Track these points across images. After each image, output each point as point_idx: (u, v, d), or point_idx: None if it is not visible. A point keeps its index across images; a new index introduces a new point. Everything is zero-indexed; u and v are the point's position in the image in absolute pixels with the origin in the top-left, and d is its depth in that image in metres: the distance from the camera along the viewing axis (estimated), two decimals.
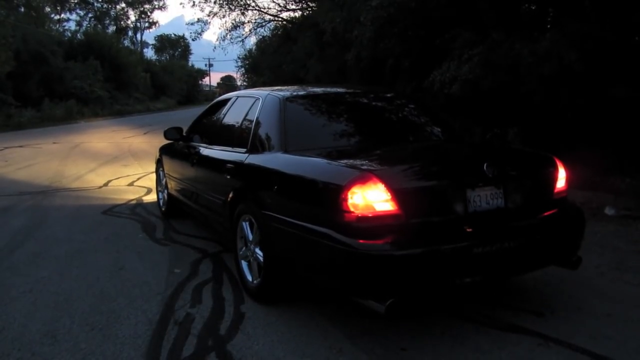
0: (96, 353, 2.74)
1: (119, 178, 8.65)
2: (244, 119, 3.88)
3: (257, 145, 3.53)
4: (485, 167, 2.76)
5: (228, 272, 3.91)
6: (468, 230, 2.71)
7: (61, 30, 45.75)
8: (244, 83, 32.47)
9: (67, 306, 3.36)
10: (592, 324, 3.01)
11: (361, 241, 2.52)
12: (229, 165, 3.71)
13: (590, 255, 4.25)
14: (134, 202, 6.67)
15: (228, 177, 3.69)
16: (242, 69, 31.53)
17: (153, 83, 46.20)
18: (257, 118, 3.67)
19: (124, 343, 2.84)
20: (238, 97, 4.35)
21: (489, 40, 6.99)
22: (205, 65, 74.15)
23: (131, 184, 8.06)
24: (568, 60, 5.83)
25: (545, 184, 3.09)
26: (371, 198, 2.53)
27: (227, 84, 75.20)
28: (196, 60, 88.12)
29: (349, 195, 2.54)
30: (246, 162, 3.50)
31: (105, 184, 8.10)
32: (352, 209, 2.54)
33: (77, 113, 28.41)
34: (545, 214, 3.05)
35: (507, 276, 3.27)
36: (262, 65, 23.34)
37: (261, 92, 3.99)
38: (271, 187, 3.15)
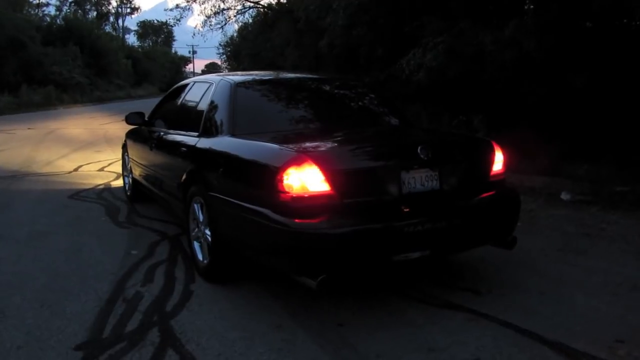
0: (42, 327, 2.82)
1: (90, 163, 8.67)
2: (198, 104, 3.96)
3: (208, 129, 3.61)
4: (419, 150, 2.88)
5: (184, 253, 4.00)
6: (402, 210, 2.83)
7: (40, 15, 45.00)
8: (226, 70, 32.34)
9: (20, 285, 3.43)
10: (524, 301, 3.15)
11: (296, 220, 2.63)
12: (182, 148, 3.80)
13: (538, 237, 4.42)
14: (101, 186, 6.72)
15: (182, 160, 3.77)
16: (224, 56, 31.42)
17: (135, 70, 45.72)
18: (209, 103, 3.75)
19: (71, 319, 2.93)
20: (195, 82, 4.42)
21: (455, 28, 7.11)
22: (189, 52, 73.42)
23: (101, 170, 8.10)
24: (527, 48, 5.97)
25: (481, 167, 3.22)
26: (305, 179, 2.63)
27: (212, 71, 74.53)
28: (180, 47, 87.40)
29: (285, 176, 2.64)
30: (197, 145, 3.58)
31: (76, 169, 8.13)
32: (287, 190, 2.64)
33: (56, 99, 28.04)
34: (481, 196, 3.18)
35: (441, 255, 3.41)
36: (242, 52, 23.25)
37: (215, 77, 4.07)
38: (217, 169, 3.25)
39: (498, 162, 3.27)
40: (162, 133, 4.48)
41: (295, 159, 2.67)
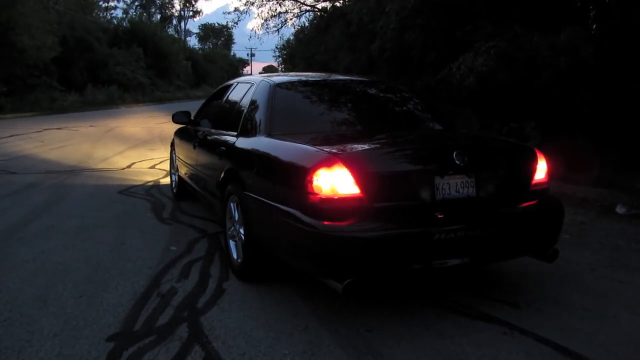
0: (78, 317, 2.92)
1: (142, 161, 8.97)
2: (239, 104, 4.02)
3: (246, 128, 3.65)
4: (454, 155, 2.79)
5: (221, 251, 4.06)
6: (435, 217, 2.76)
7: (108, 17, 47.12)
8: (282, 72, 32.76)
9: (63, 275, 3.56)
10: (565, 317, 3.01)
11: (325, 222, 2.61)
12: (222, 147, 3.85)
13: (586, 251, 4.22)
14: (150, 183, 6.94)
15: (221, 159, 3.83)
16: (280, 59, 31.84)
17: (194, 71, 47.15)
18: (249, 103, 3.79)
19: (106, 310, 3.01)
20: (238, 82, 4.49)
21: (510, 33, 6.90)
22: (248, 54, 74.84)
23: (152, 167, 8.36)
24: (585, 54, 5.72)
25: (522, 175, 3.09)
26: (335, 181, 2.60)
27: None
28: (239, 49, 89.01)
29: (314, 177, 2.62)
30: (235, 144, 3.63)
31: (129, 166, 8.43)
32: (316, 191, 2.62)
33: (119, 99, 29.30)
34: (521, 205, 3.05)
35: (478, 264, 3.30)
36: (297, 55, 23.49)
37: (257, 78, 4.11)
38: (252, 169, 3.28)
39: (541, 170, 3.14)
40: (205, 132, 4.56)
41: (325, 160, 2.64)
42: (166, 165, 8.31)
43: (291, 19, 21.17)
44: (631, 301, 3.26)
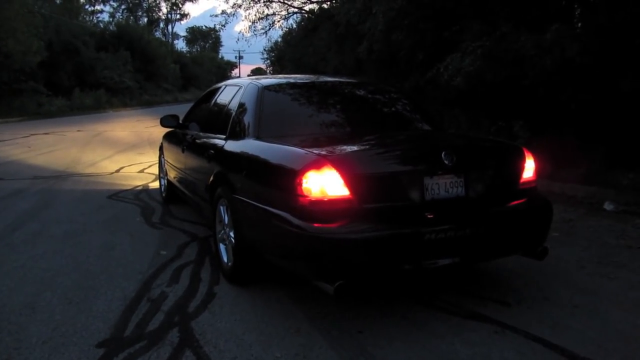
0: (67, 324, 2.89)
1: (131, 165, 8.92)
2: (227, 107, 4.01)
3: (235, 131, 3.64)
4: (443, 155, 2.80)
5: (211, 255, 4.04)
6: (425, 217, 2.76)
7: (95, 21, 46.85)
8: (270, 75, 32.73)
9: (52, 281, 3.53)
10: (555, 314, 3.02)
11: (315, 224, 2.60)
12: (210, 151, 3.84)
13: (575, 248, 4.24)
14: (139, 188, 6.90)
15: (210, 162, 3.81)
16: (268, 61, 31.84)
17: (182, 74, 46.99)
18: (237, 105, 3.79)
19: (96, 316, 2.99)
20: (226, 85, 4.48)
21: (496, 32, 6.94)
22: (236, 57, 74.68)
23: (141, 171, 8.31)
24: (570, 52, 5.76)
25: (510, 174, 3.11)
26: (324, 183, 2.60)
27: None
28: (227, 52, 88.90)
29: (304, 179, 2.62)
30: (224, 147, 3.61)
31: (117, 171, 8.38)
32: (306, 193, 2.62)
33: (106, 103, 29.15)
34: (510, 203, 3.07)
35: (467, 263, 3.31)
36: (285, 57, 23.51)
37: (245, 80, 4.11)
38: (241, 172, 3.27)
39: (529, 169, 3.15)
40: (193, 135, 4.54)
41: (314, 162, 2.64)
42: (155, 169, 8.27)
43: (279, 21, 21.20)
44: (620, 297, 3.28)
